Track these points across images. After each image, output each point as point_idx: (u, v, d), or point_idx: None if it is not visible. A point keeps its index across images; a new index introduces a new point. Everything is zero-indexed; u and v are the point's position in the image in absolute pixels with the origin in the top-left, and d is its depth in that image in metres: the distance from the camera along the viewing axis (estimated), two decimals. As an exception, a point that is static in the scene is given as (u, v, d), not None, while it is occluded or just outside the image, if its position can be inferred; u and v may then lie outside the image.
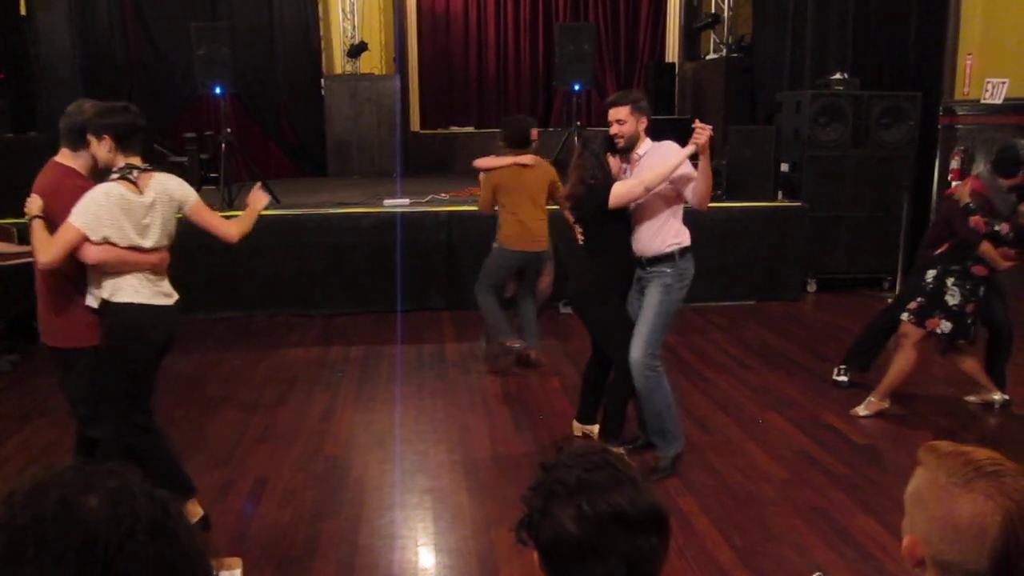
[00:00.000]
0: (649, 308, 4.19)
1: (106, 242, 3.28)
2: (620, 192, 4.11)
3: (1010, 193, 4.95)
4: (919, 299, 4.98)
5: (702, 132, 3.95)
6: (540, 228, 5.82)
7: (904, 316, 5.04)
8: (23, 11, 8.46)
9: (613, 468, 1.35)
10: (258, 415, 5.22)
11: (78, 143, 3.37)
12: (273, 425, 5.07)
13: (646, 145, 4.26)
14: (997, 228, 4.74)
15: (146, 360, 3.55)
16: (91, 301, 3.42)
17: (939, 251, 4.98)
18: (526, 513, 1.38)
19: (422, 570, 3.55)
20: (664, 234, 4.19)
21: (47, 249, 3.22)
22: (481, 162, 5.97)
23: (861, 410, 5.11)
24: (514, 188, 5.76)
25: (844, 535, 3.71)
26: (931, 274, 4.95)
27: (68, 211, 3.23)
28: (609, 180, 4.15)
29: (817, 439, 4.79)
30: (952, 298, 4.85)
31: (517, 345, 5.96)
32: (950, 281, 4.86)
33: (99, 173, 3.44)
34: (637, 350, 4.16)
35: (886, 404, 5.10)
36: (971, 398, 5.28)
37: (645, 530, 1.30)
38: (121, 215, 3.29)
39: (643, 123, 4.22)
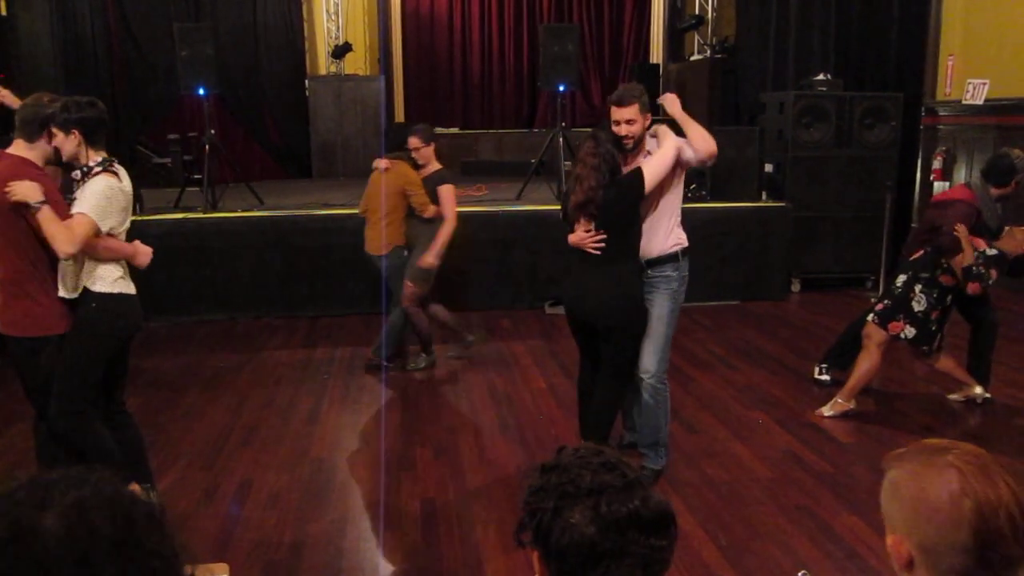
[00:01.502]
0: (659, 320, 4.03)
1: (108, 234, 3.39)
2: (655, 168, 3.85)
3: (997, 203, 4.99)
4: (886, 301, 5.04)
5: (671, 102, 4.03)
6: (375, 233, 5.84)
7: (869, 317, 5.10)
8: (3, 11, 8.39)
9: (621, 470, 1.34)
10: (243, 417, 5.20)
11: (34, 135, 3.39)
12: (258, 427, 5.04)
13: (651, 144, 4.06)
14: (990, 281, 4.76)
15: (120, 348, 3.60)
16: (65, 291, 3.42)
17: (914, 256, 5.01)
18: (529, 515, 1.34)
19: (408, 572, 3.54)
20: (669, 234, 4.05)
21: (70, 240, 3.26)
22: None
23: (826, 410, 5.12)
24: (370, 189, 5.95)
25: (829, 533, 3.73)
26: (901, 279, 5.00)
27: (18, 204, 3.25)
28: (634, 176, 3.88)
29: (802, 438, 4.81)
30: (918, 304, 4.89)
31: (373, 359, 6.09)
32: (918, 288, 4.90)
33: (63, 166, 3.47)
34: (650, 362, 4.01)
35: (851, 405, 5.10)
36: (954, 396, 5.32)
37: (657, 531, 1.30)
38: (118, 206, 3.42)
39: (648, 120, 4.00)
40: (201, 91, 8.02)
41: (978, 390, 5.22)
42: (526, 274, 7.74)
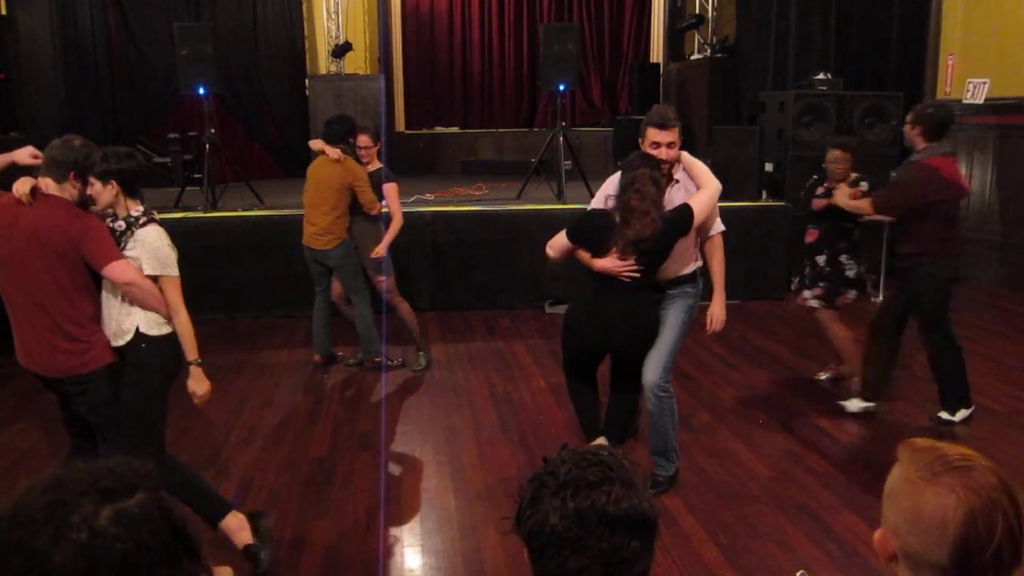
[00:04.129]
0: (671, 330, 4.02)
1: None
2: (703, 207, 3.87)
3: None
4: (821, 284, 5.33)
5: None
6: (321, 227, 5.69)
7: (813, 303, 5.38)
8: (3, 11, 8.39)
9: (606, 467, 1.36)
10: (243, 417, 5.20)
11: (63, 177, 3.35)
12: (258, 427, 5.05)
13: (677, 169, 4.05)
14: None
15: (170, 385, 3.58)
16: (119, 336, 3.38)
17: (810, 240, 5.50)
18: (518, 504, 1.40)
19: (408, 571, 3.54)
20: (692, 260, 4.12)
21: (181, 309, 3.41)
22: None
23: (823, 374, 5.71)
24: (314, 180, 5.77)
25: (829, 532, 3.73)
26: (821, 259, 5.37)
27: (78, 238, 3.25)
28: (685, 213, 3.87)
29: (801, 437, 4.81)
30: (851, 271, 5.27)
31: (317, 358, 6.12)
32: (843, 258, 5.28)
33: (83, 206, 3.44)
34: (653, 372, 3.98)
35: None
36: (823, 374, 5.75)
37: (625, 531, 1.31)
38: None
39: (681, 144, 3.99)
40: (201, 90, 8.01)
41: (845, 368, 5.56)
42: (526, 273, 7.74)
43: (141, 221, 3.40)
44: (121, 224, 3.41)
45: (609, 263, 3.81)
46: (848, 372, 5.51)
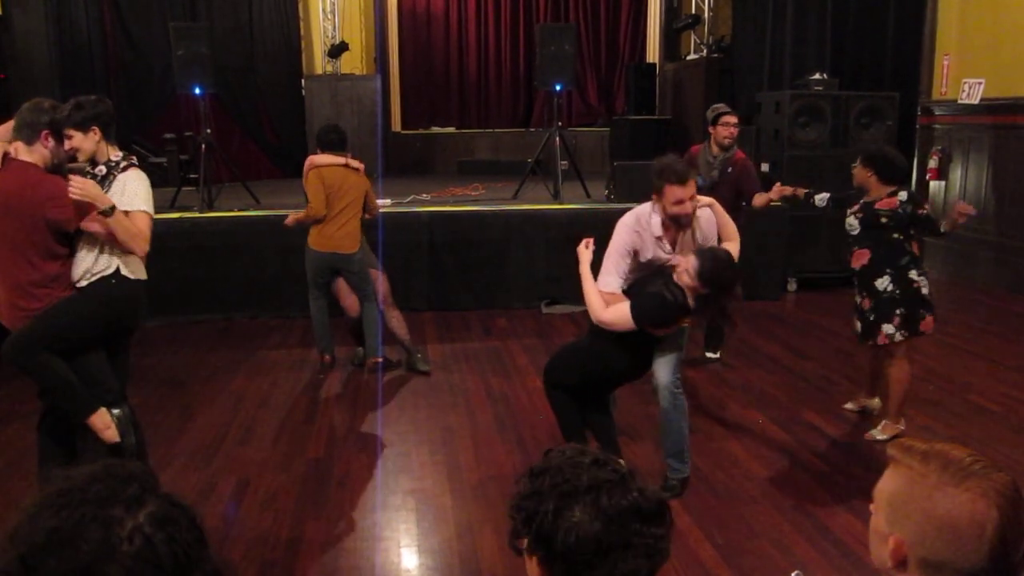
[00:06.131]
0: (677, 334, 4.02)
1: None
2: (737, 254, 3.93)
3: (716, 156, 5.96)
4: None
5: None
6: (348, 231, 5.74)
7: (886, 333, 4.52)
8: (-1, 11, 8.38)
9: (607, 464, 1.36)
10: (239, 417, 5.19)
11: (34, 139, 3.42)
12: (254, 427, 5.04)
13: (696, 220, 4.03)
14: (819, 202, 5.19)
15: (113, 331, 3.61)
16: (87, 276, 3.44)
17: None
18: (525, 520, 1.35)
19: (405, 571, 3.54)
20: None
21: (145, 239, 3.42)
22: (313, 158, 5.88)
23: (878, 434, 4.69)
24: (342, 187, 5.74)
25: (825, 532, 3.73)
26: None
27: (41, 203, 3.30)
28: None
29: (798, 437, 4.82)
30: (925, 288, 4.50)
31: (327, 359, 6.16)
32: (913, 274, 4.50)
33: (57, 167, 3.48)
34: (667, 373, 4.00)
35: (902, 426, 4.70)
36: (849, 405, 5.19)
37: (657, 521, 1.32)
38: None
39: None
40: (197, 90, 8.00)
41: (874, 403, 5.04)
42: (523, 274, 7.74)
43: (122, 165, 3.45)
44: (102, 169, 3.46)
45: (666, 330, 3.89)
46: (876, 407, 5.02)
